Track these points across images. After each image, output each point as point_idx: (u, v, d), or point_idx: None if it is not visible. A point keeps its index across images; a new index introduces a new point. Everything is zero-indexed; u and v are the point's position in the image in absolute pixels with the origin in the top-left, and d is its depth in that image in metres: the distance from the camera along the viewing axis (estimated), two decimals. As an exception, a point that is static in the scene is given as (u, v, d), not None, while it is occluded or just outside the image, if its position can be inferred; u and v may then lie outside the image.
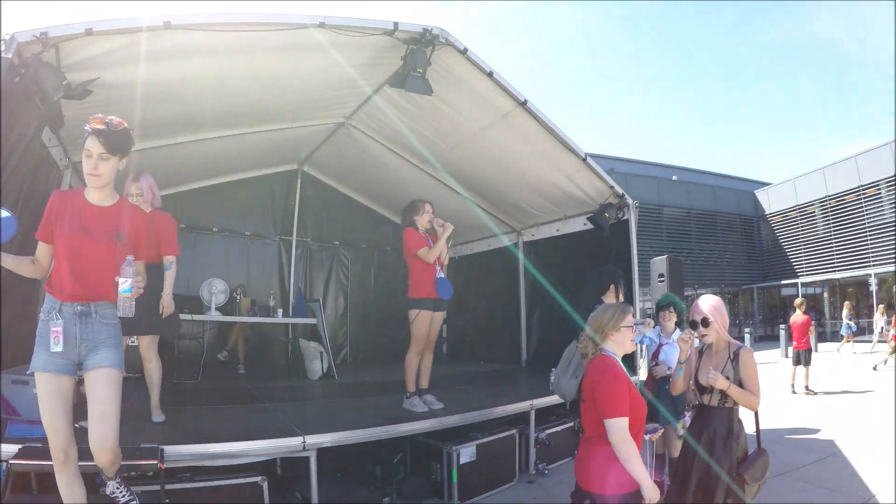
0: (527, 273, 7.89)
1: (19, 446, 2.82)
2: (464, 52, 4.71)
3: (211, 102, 5.03)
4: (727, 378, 2.71)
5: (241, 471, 3.44)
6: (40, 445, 2.80)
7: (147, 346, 3.92)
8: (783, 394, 9.39)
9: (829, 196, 21.53)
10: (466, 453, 4.22)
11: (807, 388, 9.35)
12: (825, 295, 22.44)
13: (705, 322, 2.87)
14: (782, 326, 10.83)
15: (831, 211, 21.55)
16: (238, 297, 6.84)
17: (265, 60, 4.40)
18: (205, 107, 5.11)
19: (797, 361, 9.52)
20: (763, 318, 24.57)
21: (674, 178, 23.78)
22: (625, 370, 2.46)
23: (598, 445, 2.37)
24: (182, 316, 6.06)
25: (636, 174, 22.70)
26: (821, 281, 22.15)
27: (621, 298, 3.87)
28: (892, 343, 11.55)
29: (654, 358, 4.29)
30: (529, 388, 5.77)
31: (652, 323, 4.36)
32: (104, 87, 3.83)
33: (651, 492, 2.25)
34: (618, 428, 2.26)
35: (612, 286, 3.83)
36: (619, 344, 2.52)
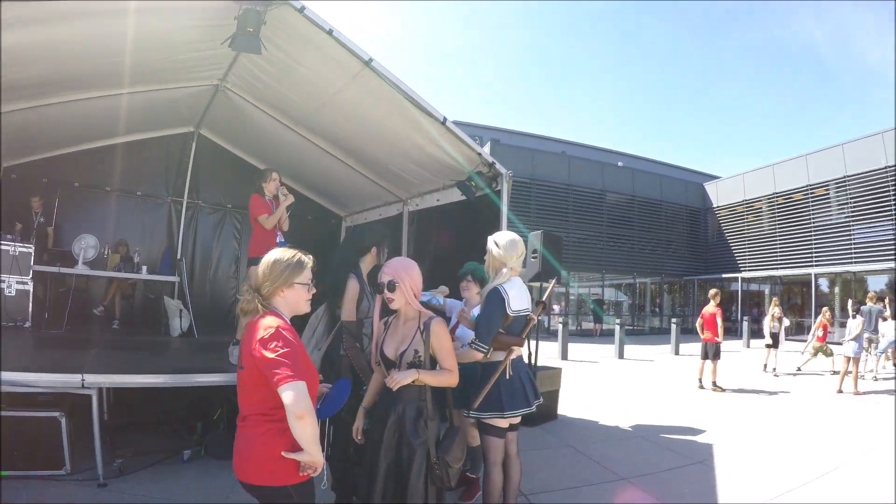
0: (409, 243, 7.93)
1: None
2: (301, 10, 4.72)
3: (74, 64, 5.06)
4: (416, 363, 2.47)
5: (45, 405, 3.67)
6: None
7: None
8: (689, 389, 9.13)
9: (777, 193, 21.62)
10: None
11: (714, 384, 9.08)
12: (766, 292, 22.63)
13: (391, 285, 2.51)
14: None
15: (778, 208, 21.63)
16: (106, 253, 6.90)
17: (116, 23, 4.43)
18: (70, 68, 5.13)
19: (705, 356, 9.20)
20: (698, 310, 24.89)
21: (619, 163, 23.73)
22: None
23: (259, 426, 1.96)
24: (50, 269, 6.37)
25: (582, 157, 22.70)
26: (763, 277, 22.33)
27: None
28: (816, 344, 11.27)
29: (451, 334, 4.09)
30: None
31: (446, 290, 4.06)
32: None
33: (317, 457, 1.89)
34: (300, 392, 1.81)
35: (373, 249, 3.47)
36: (289, 304, 2.13)
